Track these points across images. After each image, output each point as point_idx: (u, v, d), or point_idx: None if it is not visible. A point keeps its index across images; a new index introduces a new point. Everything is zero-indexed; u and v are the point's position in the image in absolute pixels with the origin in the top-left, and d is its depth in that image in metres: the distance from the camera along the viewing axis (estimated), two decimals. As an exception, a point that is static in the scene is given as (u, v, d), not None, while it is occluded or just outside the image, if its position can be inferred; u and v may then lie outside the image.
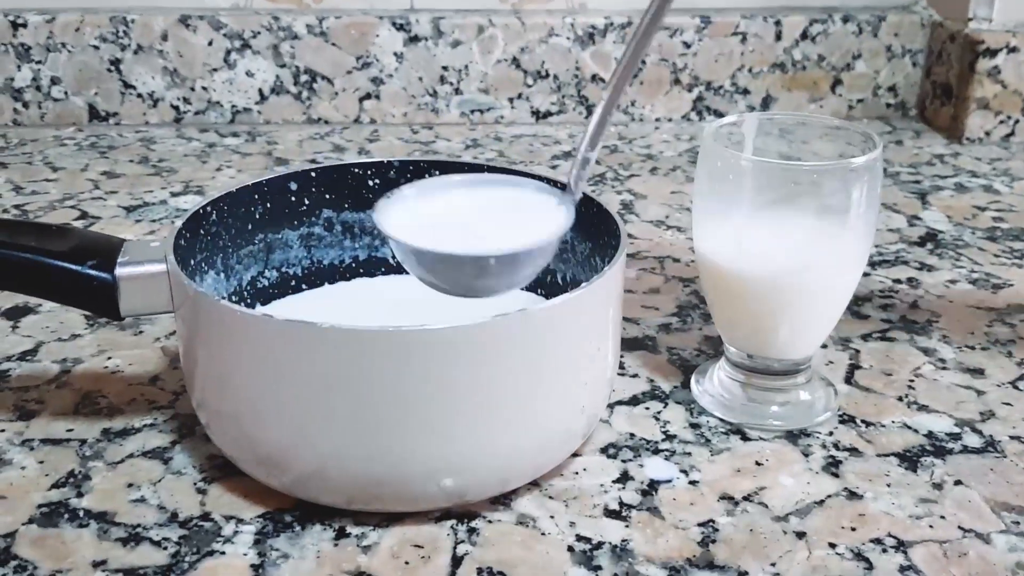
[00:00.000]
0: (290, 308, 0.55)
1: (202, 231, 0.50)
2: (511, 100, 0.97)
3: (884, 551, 0.43)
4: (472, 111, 0.97)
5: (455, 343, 0.40)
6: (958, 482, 0.47)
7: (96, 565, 0.41)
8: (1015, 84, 0.92)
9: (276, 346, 0.41)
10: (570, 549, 0.43)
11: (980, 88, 0.92)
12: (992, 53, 0.91)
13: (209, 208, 0.50)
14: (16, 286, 0.47)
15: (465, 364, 0.41)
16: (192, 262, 0.49)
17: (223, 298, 0.42)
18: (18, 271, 0.46)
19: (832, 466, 0.48)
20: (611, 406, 0.52)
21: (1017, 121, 0.94)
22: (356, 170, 0.56)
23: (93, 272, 0.45)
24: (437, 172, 0.56)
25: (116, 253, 0.46)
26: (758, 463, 0.48)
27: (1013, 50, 0.91)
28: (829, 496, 0.46)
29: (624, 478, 0.47)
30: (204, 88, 0.94)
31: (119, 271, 0.46)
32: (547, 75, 0.97)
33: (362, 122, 0.97)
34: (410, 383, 0.40)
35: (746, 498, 0.46)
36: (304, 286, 0.57)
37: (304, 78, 0.95)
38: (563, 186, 0.46)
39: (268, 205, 0.54)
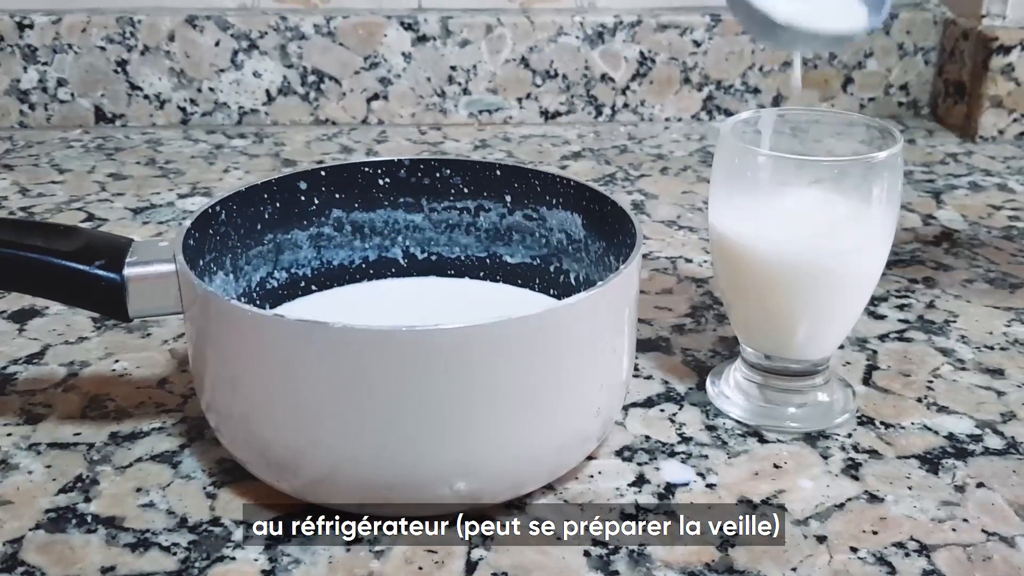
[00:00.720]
0: (300, 310, 0.54)
1: (211, 231, 0.49)
2: (520, 100, 0.97)
3: (907, 555, 0.42)
4: (480, 111, 0.97)
5: (469, 344, 0.40)
6: (980, 484, 0.46)
7: (104, 571, 0.41)
8: (1029, 82, 0.91)
9: (287, 347, 0.40)
10: (586, 554, 0.42)
11: (993, 86, 0.91)
12: (1006, 50, 0.90)
13: (218, 208, 0.50)
14: (23, 287, 0.47)
15: (479, 365, 0.40)
16: (201, 262, 0.48)
17: (232, 299, 0.42)
18: (25, 272, 0.45)
19: (852, 468, 0.47)
20: (625, 408, 0.52)
21: (1031, 119, 0.93)
22: (366, 169, 0.55)
23: (101, 272, 0.45)
24: (448, 171, 0.55)
25: (124, 253, 0.45)
26: (776, 466, 0.48)
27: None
28: (849, 499, 0.45)
29: (640, 481, 0.46)
30: (211, 89, 0.94)
31: (127, 271, 0.45)
32: (556, 75, 0.96)
33: (370, 123, 0.96)
34: (423, 384, 0.40)
35: (765, 501, 0.45)
36: (314, 287, 0.56)
37: (312, 79, 0.94)
38: None
39: (277, 205, 0.53)
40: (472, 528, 0.43)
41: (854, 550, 0.42)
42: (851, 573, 0.41)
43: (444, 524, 0.43)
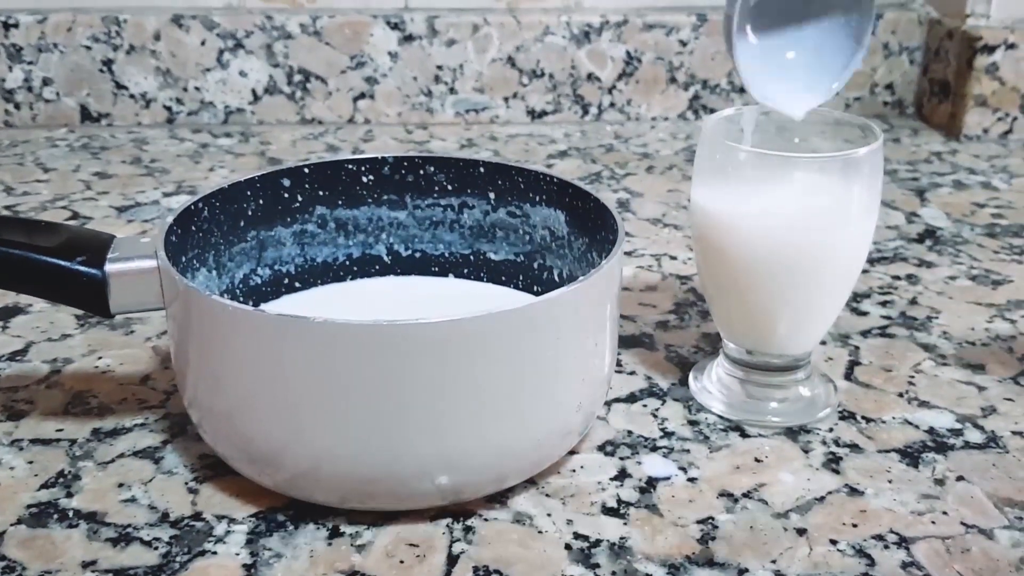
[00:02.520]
0: (284, 308, 0.54)
1: (194, 228, 0.49)
2: (506, 99, 0.97)
3: (886, 547, 0.42)
4: (467, 111, 0.97)
5: (450, 338, 0.40)
6: (960, 478, 0.47)
7: (86, 565, 0.41)
8: (1013, 81, 0.92)
9: (269, 342, 0.40)
10: (567, 547, 0.42)
11: (978, 85, 0.92)
12: (990, 50, 0.91)
13: (201, 204, 0.50)
14: (4, 283, 0.46)
15: (460, 359, 0.40)
16: (183, 259, 0.48)
17: (214, 294, 0.42)
18: (6, 267, 0.45)
19: (832, 462, 0.47)
20: (608, 404, 0.52)
21: (1015, 118, 0.93)
22: (350, 166, 0.55)
23: (82, 268, 0.45)
24: (432, 168, 0.55)
25: (106, 249, 0.45)
26: (757, 460, 0.48)
27: (1011, 47, 0.91)
28: (830, 492, 0.45)
29: (622, 475, 0.46)
30: (197, 88, 0.94)
31: (109, 267, 0.45)
32: (542, 74, 0.96)
33: (356, 122, 0.96)
34: (405, 379, 0.40)
35: (746, 495, 0.45)
36: (297, 284, 0.56)
37: (298, 78, 0.94)
38: None
39: (261, 202, 0.53)
40: (454, 522, 0.43)
41: (834, 542, 0.42)
42: (831, 565, 0.41)
43: (426, 518, 0.43)
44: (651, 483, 0.46)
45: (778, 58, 0.49)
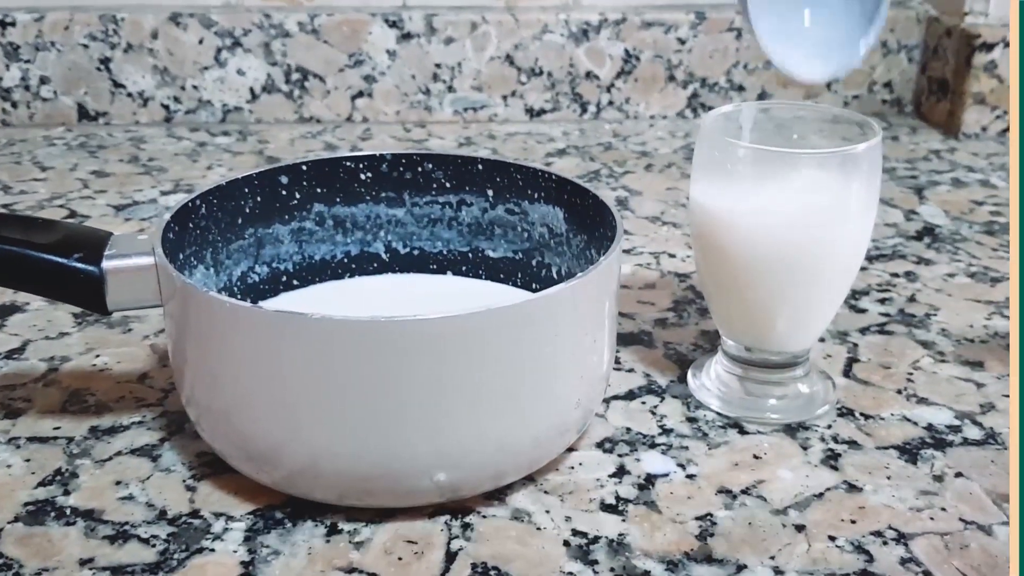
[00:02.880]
0: (281, 305, 0.54)
1: (191, 225, 0.49)
2: (505, 98, 0.97)
3: (884, 543, 0.42)
4: (465, 109, 0.97)
5: (448, 334, 0.40)
6: (959, 474, 0.47)
7: (83, 563, 0.41)
8: (1011, 79, 0.92)
9: (266, 338, 0.40)
10: (566, 544, 0.42)
11: (976, 83, 0.92)
12: (988, 48, 0.91)
13: (198, 202, 0.50)
14: (1, 280, 0.46)
15: (458, 356, 0.40)
16: (181, 256, 0.48)
17: (211, 291, 0.42)
18: (3, 264, 0.45)
19: (831, 459, 0.47)
20: (607, 401, 0.52)
21: (1013, 116, 0.93)
22: (348, 163, 0.55)
23: (79, 265, 0.45)
24: (430, 165, 0.55)
25: (103, 246, 0.45)
26: (756, 456, 0.48)
27: (1009, 44, 0.91)
28: (828, 489, 0.45)
29: (620, 472, 0.46)
30: (195, 87, 0.94)
31: (106, 264, 0.45)
32: (541, 72, 0.96)
33: (354, 120, 0.96)
34: (403, 376, 0.40)
35: (744, 491, 0.45)
36: (295, 282, 0.56)
37: (296, 76, 0.94)
38: None
39: (258, 199, 0.53)
40: (452, 519, 0.43)
41: (832, 539, 0.42)
42: (829, 561, 0.41)
43: (424, 515, 0.43)
44: (650, 480, 0.46)
45: (795, 21, 0.48)
